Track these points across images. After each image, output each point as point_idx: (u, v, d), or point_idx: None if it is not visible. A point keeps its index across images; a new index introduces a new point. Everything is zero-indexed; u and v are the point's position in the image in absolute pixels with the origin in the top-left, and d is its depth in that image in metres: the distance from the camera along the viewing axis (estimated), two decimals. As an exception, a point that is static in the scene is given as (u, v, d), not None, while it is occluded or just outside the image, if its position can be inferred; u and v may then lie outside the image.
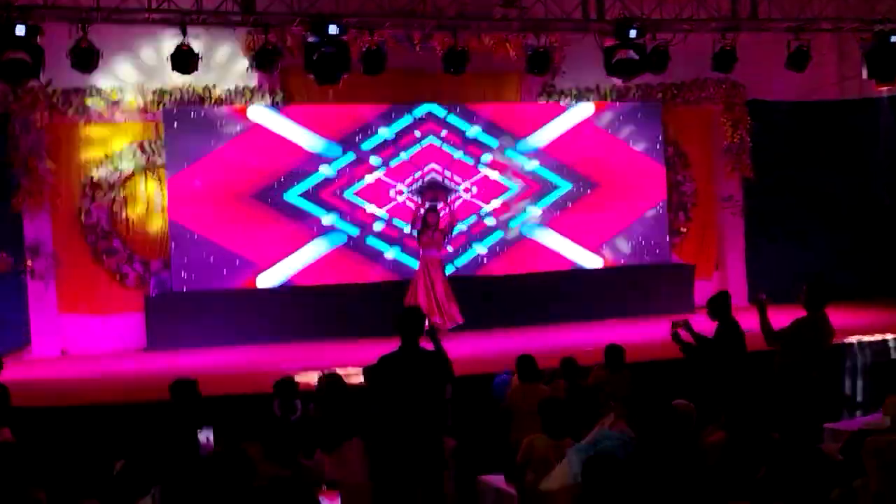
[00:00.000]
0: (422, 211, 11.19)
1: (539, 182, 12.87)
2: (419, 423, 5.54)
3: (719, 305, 7.06)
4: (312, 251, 12.11)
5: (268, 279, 11.92)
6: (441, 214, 11.32)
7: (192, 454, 5.85)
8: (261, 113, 11.87)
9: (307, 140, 12.09)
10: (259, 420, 6.50)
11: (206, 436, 5.48)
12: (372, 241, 12.28)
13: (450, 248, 11.93)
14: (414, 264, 11.67)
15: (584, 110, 13.01)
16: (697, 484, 4.17)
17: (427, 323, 5.91)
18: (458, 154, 12.55)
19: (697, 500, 4.11)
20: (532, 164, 12.81)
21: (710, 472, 4.42)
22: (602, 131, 13.10)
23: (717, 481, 4.39)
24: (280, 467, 4.73)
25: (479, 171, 12.66)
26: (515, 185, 12.78)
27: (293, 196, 12.02)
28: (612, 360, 7.59)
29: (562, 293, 12.48)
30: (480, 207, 12.65)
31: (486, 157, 12.66)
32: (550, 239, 12.94)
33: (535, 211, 12.83)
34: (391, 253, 12.29)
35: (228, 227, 11.79)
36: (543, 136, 12.88)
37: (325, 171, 12.13)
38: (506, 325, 11.80)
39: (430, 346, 5.83)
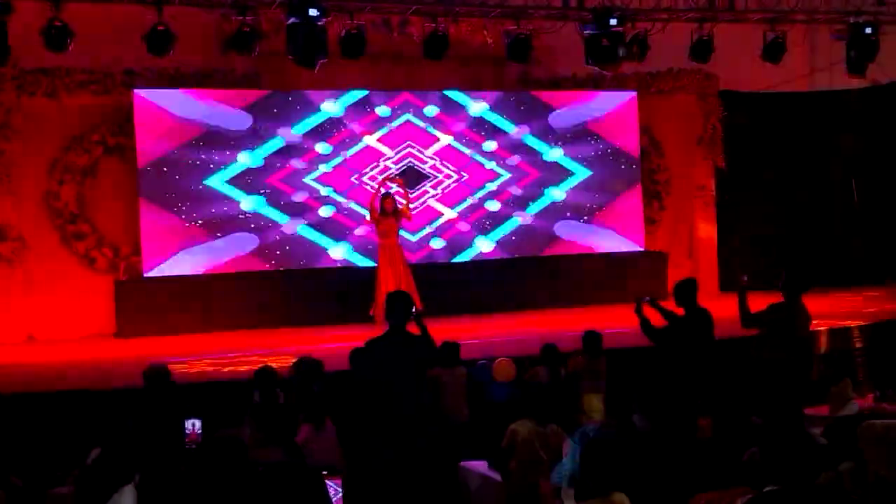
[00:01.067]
0: (377, 200, 11.06)
1: (523, 170, 12.88)
2: (403, 405, 5.55)
3: (685, 292, 7.11)
4: (281, 236, 12.03)
5: (235, 264, 11.82)
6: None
7: (174, 442, 5.79)
8: (234, 97, 11.77)
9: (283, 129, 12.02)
10: (237, 406, 6.45)
11: (192, 423, 5.43)
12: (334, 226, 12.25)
13: (410, 237, 11.80)
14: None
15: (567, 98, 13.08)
16: (694, 468, 4.23)
17: (414, 308, 5.92)
18: (448, 139, 12.55)
19: (694, 484, 4.16)
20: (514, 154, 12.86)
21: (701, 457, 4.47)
22: (578, 119, 13.13)
23: (706, 465, 4.44)
24: (273, 451, 4.70)
25: (470, 158, 12.65)
26: (506, 174, 12.80)
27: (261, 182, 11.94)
28: (589, 346, 7.65)
29: (535, 280, 12.58)
30: (470, 193, 12.66)
31: (490, 145, 12.69)
32: (529, 226, 12.99)
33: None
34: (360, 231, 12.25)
35: (199, 211, 11.65)
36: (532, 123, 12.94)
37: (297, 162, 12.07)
38: (479, 311, 11.85)
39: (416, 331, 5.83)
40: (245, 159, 11.87)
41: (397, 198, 11.08)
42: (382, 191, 11.19)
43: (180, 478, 4.41)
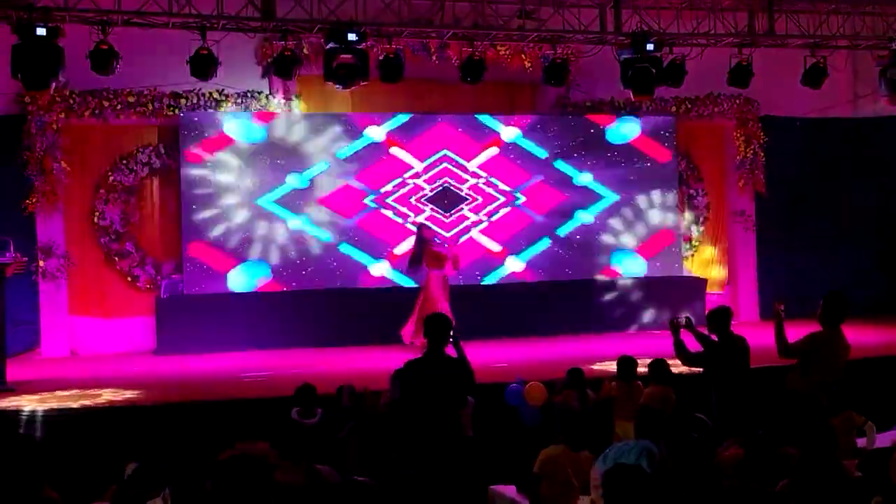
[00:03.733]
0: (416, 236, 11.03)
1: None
2: (436, 427, 5.56)
3: (718, 320, 7.02)
4: (324, 254, 12.13)
5: (282, 282, 11.94)
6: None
7: (203, 458, 5.85)
8: (278, 119, 11.93)
9: (326, 147, 12.15)
10: (273, 424, 6.50)
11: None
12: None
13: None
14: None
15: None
16: (713, 499, 4.17)
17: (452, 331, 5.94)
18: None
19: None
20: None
21: (726, 489, 4.40)
22: (615, 143, 13.09)
23: (734, 497, 4.37)
24: (295, 473, 4.73)
25: (505, 180, 12.68)
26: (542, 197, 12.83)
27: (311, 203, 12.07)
28: (624, 371, 7.58)
29: (572, 304, 12.51)
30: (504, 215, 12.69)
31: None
32: (561, 250, 12.95)
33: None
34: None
35: (242, 230, 11.81)
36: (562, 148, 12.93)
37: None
38: (509, 334, 11.81)
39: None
40: (292, 181, 11.99)
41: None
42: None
43: (206, 494, 4.45)
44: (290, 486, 4.61)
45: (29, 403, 8.19)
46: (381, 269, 12.27)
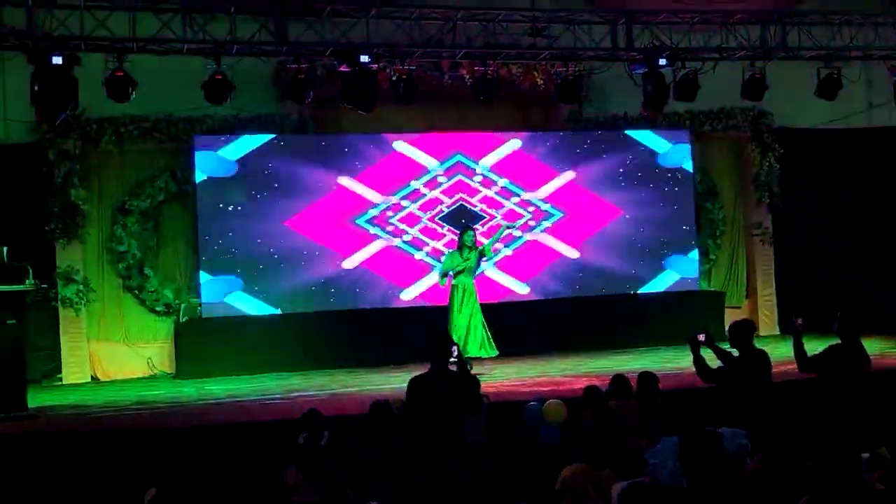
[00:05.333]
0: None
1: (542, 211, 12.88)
2: (440, 440, 5.60)
3: (740, 333, 6.96)
4: (347, 275, 12.18)
5: (299, 304, 11.99)
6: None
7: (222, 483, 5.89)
8: (294, 142, 12.03)
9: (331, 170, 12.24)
10: (293, 446, 6.53)
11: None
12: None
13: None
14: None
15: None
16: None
17: (457, 349, 5.99)
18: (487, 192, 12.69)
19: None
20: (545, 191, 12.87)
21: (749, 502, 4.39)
22: (630, 158, 13.10)
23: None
24: (317, 495, 4.75)
25: (519, 198, 12.75)
26: (557, 213, 12.84)
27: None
28: (644, 388, 7.54)
29: (587, 320, 12.52)
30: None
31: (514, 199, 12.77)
32: (579, 266, 12.94)
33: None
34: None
35: (260, 253, 11.88)
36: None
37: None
38: (527, 352, 11.81)
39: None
40: (307, 202, 12.07)
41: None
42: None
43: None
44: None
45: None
46: (412, 292, 12.33)
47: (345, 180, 12.18)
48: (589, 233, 12.94)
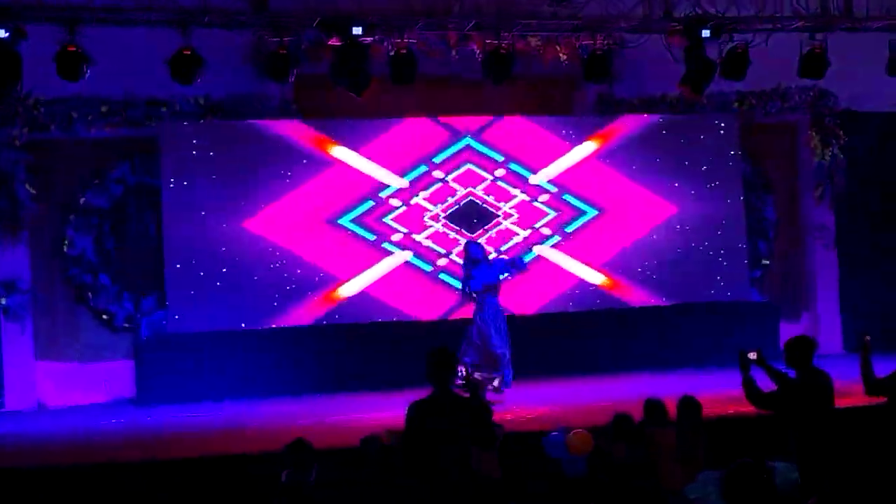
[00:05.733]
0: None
1: (571, 207, 12.88)
2: (444, 477, 5.58)
3: (798, 352, 6.95)
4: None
5: (277, 318, 11.99)
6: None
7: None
8: (272, 127, 12.04)
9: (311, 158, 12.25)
10: (273, 483, 6.51)
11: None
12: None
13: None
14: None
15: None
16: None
17: (464, 368, 5.98)
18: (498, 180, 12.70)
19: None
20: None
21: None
22: (669, 147, 13.09)
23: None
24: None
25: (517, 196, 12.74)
26: (554, 211, 12.83)
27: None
28: (685, 416, 7.52)
29: (616, 335, 12.52)
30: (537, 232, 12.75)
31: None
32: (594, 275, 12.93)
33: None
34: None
35: (234, 259, 11.89)
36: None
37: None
38: (549, 372, 11.79)
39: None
40: (287, 198, 12.09)
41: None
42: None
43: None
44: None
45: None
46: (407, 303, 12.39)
47: (339, 166, 12.21)
48: (623, 237, 12.93)
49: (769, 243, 13.74)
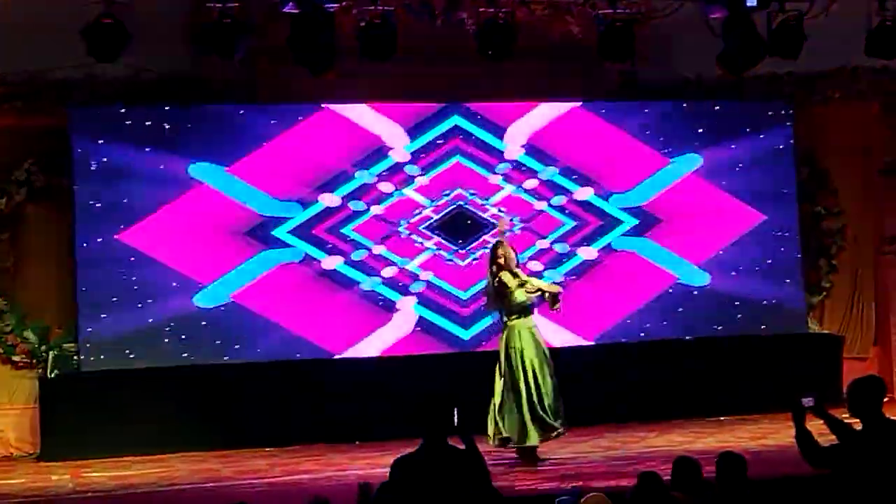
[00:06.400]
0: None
1: (599, 216, 13.13)
2: None
3: (865, 396, 7.03)
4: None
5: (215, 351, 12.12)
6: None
7: None
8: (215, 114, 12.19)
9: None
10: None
11: None
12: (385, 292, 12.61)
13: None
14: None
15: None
16: None
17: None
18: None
19: None
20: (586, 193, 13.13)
21: None
22: (704, 140, 13.30)
23: None
24: None
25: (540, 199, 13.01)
26: (571, 221, 13.04)
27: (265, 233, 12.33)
28: (726, 476, 7.66)
29: (640, 377, 12.67)
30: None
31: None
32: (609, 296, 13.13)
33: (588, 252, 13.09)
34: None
35: (163, 278, 11.99)
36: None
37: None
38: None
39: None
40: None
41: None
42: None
43: None
44: None
45: None
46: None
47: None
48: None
49: (831, 260, 13.91)
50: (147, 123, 12.01)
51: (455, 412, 5.87)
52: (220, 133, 12.22)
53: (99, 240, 11.83)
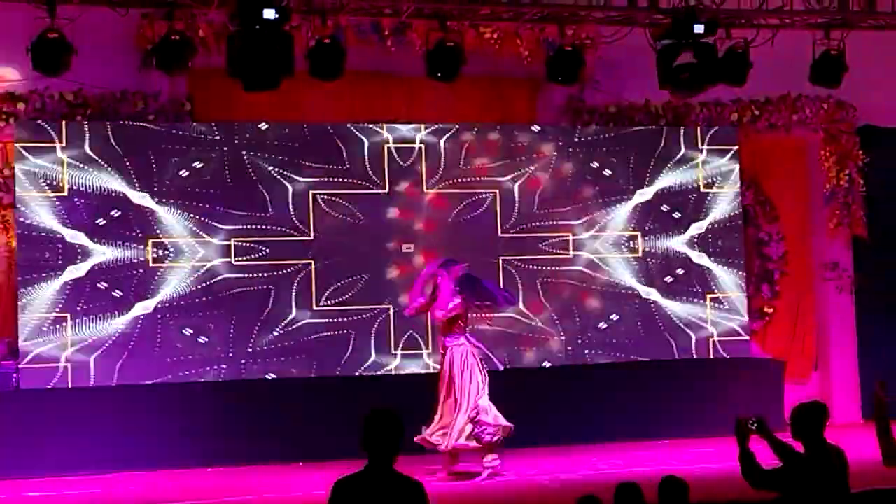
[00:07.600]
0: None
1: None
2: None
3: (807, 421, 7.06)
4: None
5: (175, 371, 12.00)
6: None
7: None
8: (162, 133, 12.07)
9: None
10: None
11: None
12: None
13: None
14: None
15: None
16: None
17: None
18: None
19: None
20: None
21: None
22: (651, 166, 13.32)
23: None
24: None
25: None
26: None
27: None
28: (668, 498, 7.63)
29: (579, 399, 12.61)
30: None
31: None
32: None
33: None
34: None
35: (111, 294, 11.85)
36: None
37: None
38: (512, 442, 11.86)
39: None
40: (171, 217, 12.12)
41: None
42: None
43: None
44: None
45: None
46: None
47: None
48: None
49: (773, 285, 13.98)
50: (91, 141, 11.85)
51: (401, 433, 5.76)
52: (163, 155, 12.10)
53: (40, 249, 11.64)
